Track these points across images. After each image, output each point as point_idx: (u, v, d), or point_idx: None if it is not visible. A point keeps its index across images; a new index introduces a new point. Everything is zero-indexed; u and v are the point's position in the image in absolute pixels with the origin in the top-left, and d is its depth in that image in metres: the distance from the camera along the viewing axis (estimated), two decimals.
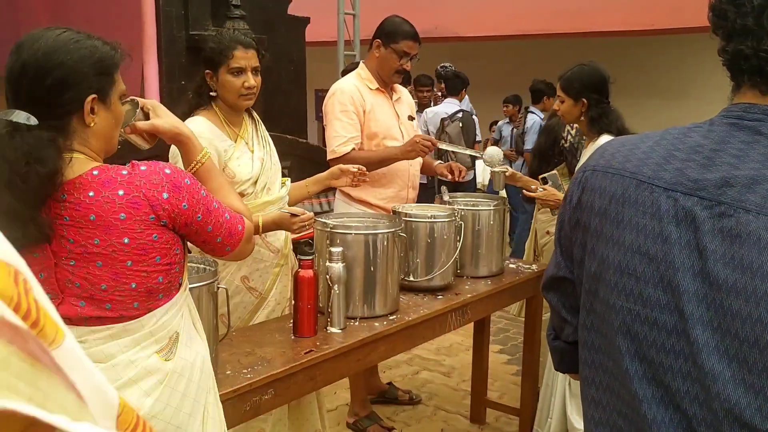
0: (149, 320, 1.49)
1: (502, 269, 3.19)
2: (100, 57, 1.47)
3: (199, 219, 1.51)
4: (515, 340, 5.05)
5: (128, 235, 1.42)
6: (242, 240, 1.61)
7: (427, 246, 2.79)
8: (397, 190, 3.38)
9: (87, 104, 1.44)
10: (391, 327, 2.46)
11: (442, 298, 2.78)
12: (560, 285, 1.19)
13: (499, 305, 3.17)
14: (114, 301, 1.45)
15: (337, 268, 2.36)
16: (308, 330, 2.31)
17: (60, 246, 1.42)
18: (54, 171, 1.36)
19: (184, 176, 1.51)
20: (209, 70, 2.51)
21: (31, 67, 1.40)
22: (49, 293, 1.45)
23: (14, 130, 1.35)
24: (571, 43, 10.23)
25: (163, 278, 1.49)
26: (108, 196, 1.41)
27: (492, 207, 3.11)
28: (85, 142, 1.47)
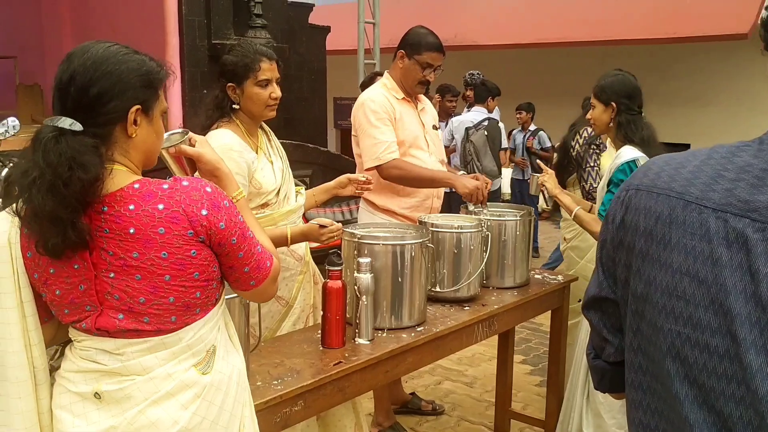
0: (187, 333, 1.49)
1: (527, 280, 3.17)
2: (147, 70, 1.49)
3: (234, 242, 1.49)
4: (537, 351, 5.02)
5: (167, 249, 1.42)
6: (268, 278, 1.59)
7: (453, 256, 2.78)
8: (422, 199, 3.37)
9: (131, 114, 1.45)
10: (419, 338, 2.44)
11: (469, 309, 2.77)
12: (602, 305, 1.17)
13: (526, 316, 3.14)
14: (152, 314, 1.45)
15: (366, 278, 2.35)
16: (336, 341, 2.30)
17: (100, 258, 1.43)
18: (96, 177, 1.37)
19: (224, 197, 1.50)
20: (232, 83, 2.53)
21: (80, 75, 1.41)
22: (88, 305, 1.46)
23: (59, 135, 1.37)
24: (590, 51, 10.20)
25: (200, 293, 1.49)
26: (148, 210, 1.41)
27: (518, 217, 3.09)
28: (126, 153, 1.48)
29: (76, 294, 1.45)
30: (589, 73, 10.43)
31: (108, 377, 1.47)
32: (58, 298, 1.47)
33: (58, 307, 1.49)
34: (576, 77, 10.46)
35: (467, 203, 3.29)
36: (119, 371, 1.47)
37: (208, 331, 1.53)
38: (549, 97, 10.43)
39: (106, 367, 1.47)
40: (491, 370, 4.56)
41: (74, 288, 1.45)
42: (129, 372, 1.47)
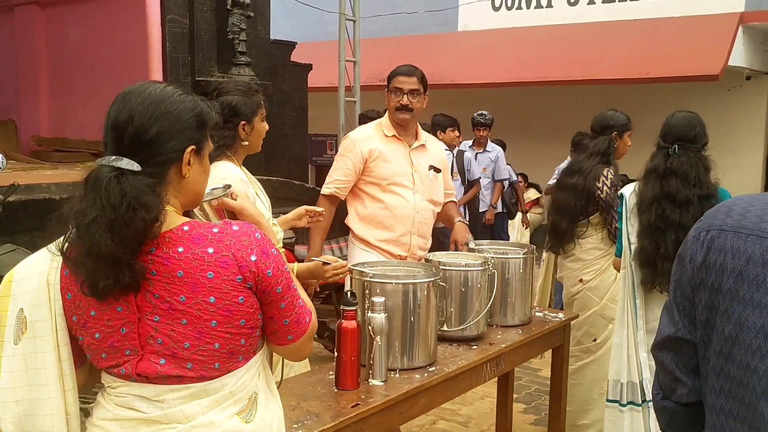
0: (230, 380, 1.45)
1: (530, 318, 3.17)
2: (201, 111, 1.49)
3: (279, 291, 1.46)
4: (529, 389, 5.00)
5: (215, 294, 1.39)
6: (306, 333, 1.55)
7: (461, 295, 2.78)
8: (398, 234, 3.39)
9: (187, 154, 1.45)
10: (432, 379, 2.43)
11: (477, 349, 2.76)
12: (677, 345, 1.17)
13: (530, 354, 3.14)
14: (195, 360, 1.41)
15: (380, 318, 2.33)
16: (351, 383, 2.27)
17: (145, 300, 1.40)
18: (156, 218, 1.35)
19: (272, 245, 1.48)
20: (245, 121, 2.58)
21: (138, 114, 1.40)
22: (129, 349, 1.42)
23: (120, 175, 1.36)
24: (565, 90, 10.41)
25: (245, 341, 1.45)
26: (197, 253, 1.39)
27: (521, 255, 3.11)
28: (178, 194, 1.47)
29: (117, 337, 1.42)
30: (565, 111, 10.67)
31: (146, 426, 1.43)
32: (96, 342, 1.44)
33: (95, 351, 1.45)
34: (552, 115, 10.67)
35: (468, 241, 3.31)
36: (159, 419, 1.43)
37: (250, 377, 1.49)
38: (523, 134, 10.59)
39: (145, 415, 1.43)
40: (484, 408, 4.54)
41: (115, 331, 1.42)
42: (170, 420, 1.42)
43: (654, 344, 1.25)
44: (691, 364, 1.14)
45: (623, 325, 3.18)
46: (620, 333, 3.20)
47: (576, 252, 3.86)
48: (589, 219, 3.80)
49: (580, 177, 3.78)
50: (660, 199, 3.03)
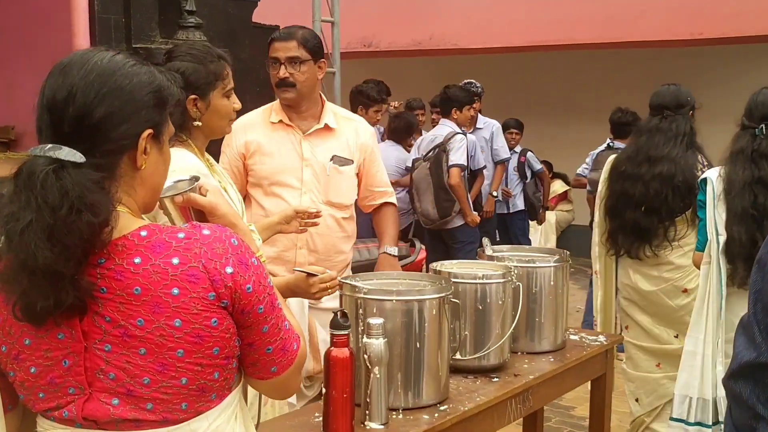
0: (200, 425, 1.45)
1: (563, 342, 3.19)
2: (159, 85, 1.49)
3: (260, 311, 1.47)
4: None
5: (181, 316, 1.38)
6: (294, 364, 1.55)
7: (476, 314, 2.78)
8: (280, 250, 3.37)
9: (142, 141, 1.44)
10: (444, 420, 2.43)
11: (499, 382, 2.77)
12: (759, 373, 1.17)
13: (564, 388, 3.16)
14: (157, 399, 1.40)
15: (378, 345, 2.33)
16: (344, 427, 2.26)
17: (93, 325, 1.38)
18: (106, 222, 1.34)
19: (252, 254, 1.49)
20: (195, 95, 2.54)
21: (81, 91, 1.40)
22: (73, 386, 1.41)
23: (60, 169, 1.34)
24: (594, 55, 10.45)
25: (219, 374, 1.45)
26: (159, 265, 1.38)
27: (552, 263, 3.12)
28: (131, 191, 1.47)
29: (58, 372, 1.41)
30: (595, 82, 10.73)
31: None
32: (32, 378, 1.43)
33: (30, 389, 1.44)
34: (578, 88, 10.71)
35: (483, 246, 3.31)
36: None
37: (225, 421, 1.49)
38: (542, 112, 10.63)
39: None
40: None
41: (56, 364, 1.41)
42: None
43: (728, 373, 1.26)
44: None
45: (700, 330, 3.32)
46: (695, 339, 3.34)
47: (671, 257, 4.04)
48: (686, 215, 3.99)
49: (668, 165, 3.97)
50: (752, 184, 3.21)
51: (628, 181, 4.09)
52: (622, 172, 4.15)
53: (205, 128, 2.61)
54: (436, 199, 6.35)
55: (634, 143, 4.26)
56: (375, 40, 10.76)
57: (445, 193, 6.35)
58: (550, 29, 10.10)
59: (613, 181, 4.21)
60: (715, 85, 9.85)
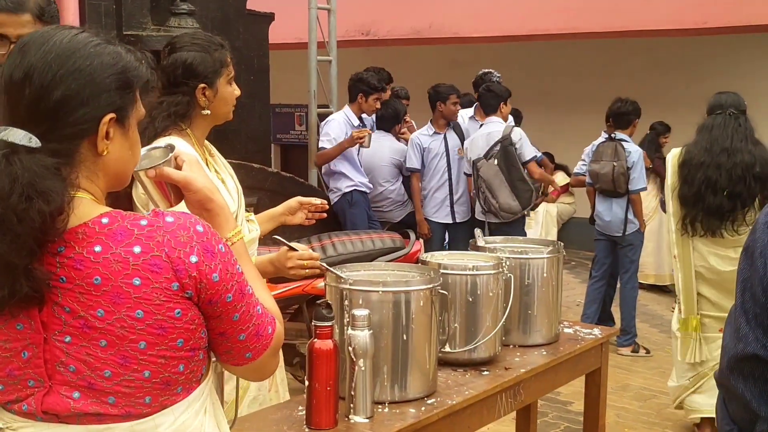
0: (165, 419, 1.44)
1: (557, 335, 3.17)
2: (125, 67, 1.45)
3: (229, 300, 1.45)
4: (557, 427, 5.04)
5: (143, 307, 1.37)
6: (269, 348, 1.55)
7: (467, 306, 2.77)
8: None
9: (103, 126, 1.42)
10: (431, 414, 2.42)
11: (489, 375, 2.75)
12: (746, 366, 1.16)
13: (558, 382, 3.15)
14: (119, 393, 1.39)
15: (363, 337, 2.31)
16: (327, 420, 2.26)
17: (52, 315, 1.37)
18: (60, 209, 1.32)
19: (219, 240, 1.47)
20: (204, 84, 2.60)
21: (39, 72, 1.37)
22: (32, 379, 1.40)
23: (11, 154, 1.32)
24: (598, 45, 10.41)
25: (184, 367, 1.44)
26: (119, 254, 1.37)
27: (545, 254, 3.11)
28: (93, 177, 1.45)
29: (17, 364, 1.40)
30: (598, 72, 10.69)
31: None
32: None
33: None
34: (581, 78, 10.69)
35: (476, 236, 3.30)
36: None
37: (192, 415, 1.48)
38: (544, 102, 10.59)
39: None
40: None
41: (15, 356, 1.40)
42: None
43: (720, 368, 1.24)
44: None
45: None
46: None
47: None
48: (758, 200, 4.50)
49: (747, 156, 4.51)
50: None
51: (710, 169, 4.57)
52: (702, 163, 4.61)
53: (211, 116, 2.65)
54: (515, 191, 6.48)
55: (706, 137, 4.66)
56: (373, 28, 10.72)
57: (523, 184, 6.51)
58: (552, 18, 10.07)
59: (692, 170, 4.65)
60: (720, 75, 9.83)
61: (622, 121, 6.68)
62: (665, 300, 8.49)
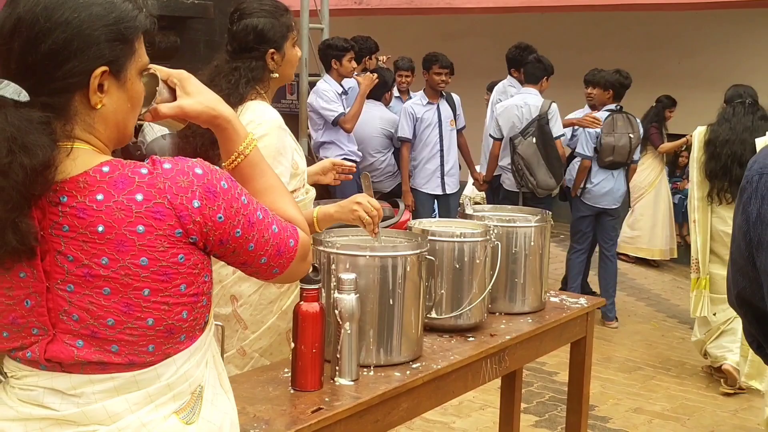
0: (167, 369, 1.45)
1: (543, 304, 3.20)
2: (118, 17, 1.43)
3: (238, 234, 1.47)
4: (542, 397, 5.08)
5: (146, 254, 1.37)
6: (294, 259, 1.57)
7: (454, 273, 2.79)
8: None
9: (94, 79, 1.41)
10: (416, 378, 2.44)
11: (474, 341, 2.78)
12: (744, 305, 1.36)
13: (542, 350, 3.17)
14: (123, 341, 1.40)
15: (349, 300, 2.33)
16: (312, 382, 2.28)
17: (55, 264, 1.37)
18: (45, 164, 1.32)
19: (220, 177, 1.47)
20: (274, 49, 2.73)
21: (26, 24, 1.36)
22: (36, 327, 1.41)
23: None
24: (588, 18, 10.39)
25: (187, 313, 1.45)
26: (122, 202, 1.36)
27: (533, 223, 3.12)
28: (91, 129, 1.44)
29: (20, 312, 1.41)
30: (589, 45, 10.66)
31: (58, 427, 1.42)
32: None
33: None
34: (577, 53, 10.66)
35: (464, 204, 3.32)
36: (75, 419, 1.42)
37: (194, 365, 1.49)
38: None
39: (57, 413, 1.42)
40: (485, 420, 4.61)
41: (18, 303, 1.40)
42: (89, 420, 1.42)
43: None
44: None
45: None
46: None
47: None
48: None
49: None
50: None
51: (735, 145, 5.27)
52: (728, 140, 5.34)
53: (283, 78, 2.81)
54: (552, 169, 6.50)
55: (729, 120, 5.42)
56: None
57: (557, 161, 6.55)
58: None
59: (718, 147, 5.34)
60: (712, 50, 9.85)
61: (623, 91, 6.79)
62: (652, 274, 8.55)
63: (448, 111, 6.96)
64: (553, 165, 6.50)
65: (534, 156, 6.44)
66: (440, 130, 6.89)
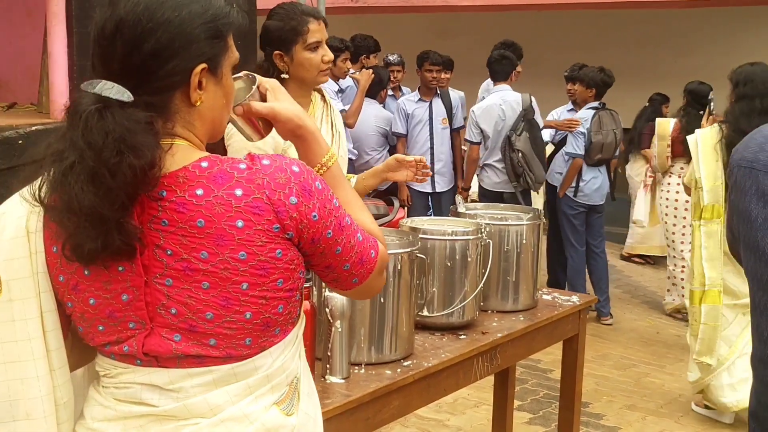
0: (264, 360, 1.46)
1: (535, 302, 3.21)
2: (214, 14, 1.43)
3: (329, 235, 1.47)
4: (535, 394, 5.09)
5: (245, 248, 1.38)
6: (374, 271, 1.58)
7: (446, 271, 2.80)
8: None
9: (195, 76, 1.41)
10: (406, 376, 2.45)
11: (466, 339, 2.79)
12: None
13: (534, 348, 3.18)
14: (221, 335, 1.41)
15: (340, 299, 2.34)
16: None
17: (154, 259, 1.38)
18: (151, 163, 1.33)
19: (315, 177, 1.48)
20: (279, 51, 2.88)
21: (129, 25, 1.36)
22: (133, 321, 1.41)
23: (104, 108, 1.32)
24: (585, 16, 10.39)
25: (283, 307, 1.46)
26: (222, 197, 1.37)
27: (525, 221, 3.13)
28: (189, 126, 1.45)
29: (117, 306, 1.41)
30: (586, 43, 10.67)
31: (159, 423, 1.43)
32: (91, 310, 1.42)
33: (89, 322, 1.44)
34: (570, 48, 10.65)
35: (456, 203, 3.33)
36: (176, 413, 1.42)
37: (289, 357, 1.50)
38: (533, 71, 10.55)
39: (157, 409, 1.42)
40: (479, 419, 4.62)
41: (115, 297, 1.40)
42: (190, 414, 1.42)
43: None
44: None
45: None
46: None
47: None
48: None
49: None
50: None
51: None
52: None
53: (294, 80, 2.90)
54: (542, 161, 6.55)
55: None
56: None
57: (543, 153, 6.60)
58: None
59: None
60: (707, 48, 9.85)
61: (605, 90, 6.79)
62: (648, 271, 8.56)
63: (441, 109, 6.95)
64: (542, 158, 6.54)
65: (530, 151, 6.45)
66: (431, 128, 6.89)
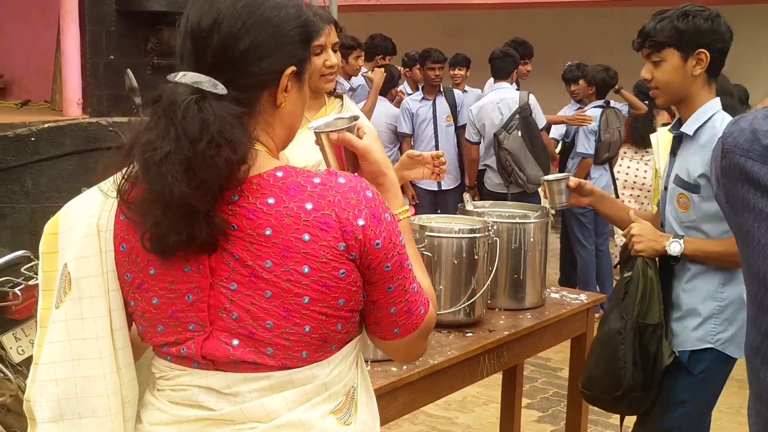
0: (322, 369, 1.44)
1: (543, 300, 3.21)
2: (306, 20, 1.45)
3: (387, 269, 1.43)
4: (545, 392, 5.08)
5: (309, 262, 1.36)
6: (419, 329, 1.52)
7: (453, 269, 2.81)
8: None
9: (285, 78, 1.42)
10: (413, 373, 2.46)
11: (473, 336, 2.79)
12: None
13: (541, 346, 3.18)
14: (279, 345, 1.40)
15: None
16: None
17: (221, 261, 1.38)
18: (243, 158, 1.33)
19: (386, 209, 1.45)
20: None
21: (228, 20, 1.37)
22: (194, 323, 1.41)
23: (201, 99, 1.32)
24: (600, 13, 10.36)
25: (342, 326, 1.44)
26: (292, 208, 1.36)
27: (533, 219, 3.13)
28: (269, 129, 1.45)
29: (180, 306, 1.40)
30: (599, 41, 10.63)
31: (215, 427, 1.42)
32: (153, 309, 1.42)
33: (150, 321, 1.44)
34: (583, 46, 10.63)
35: (464, 201, 3.33)
36: (233, 418, 1.41)
37: (347, 367, 1.49)
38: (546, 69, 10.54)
39: (213, 413, 1.42)
40: (488, 417, 4.62)
41: (179, 298, 1.40)
42: (246, 418, 1.41)
43: None
44: None
45: None
46: None
47: None
48: None
49: None
50: None
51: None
52: None
53: None
54: (539, 161, 6.37)
55: None
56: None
57: (544, 152, 6.43)
58: None
59: None
60: None
61: (607, 90, 6.80)
62: None
63: (445, 106, 6.95)
64: (540, 157, 6.38)
65: (521, 150, 6.32)
66: (435, 126, 6.90)
